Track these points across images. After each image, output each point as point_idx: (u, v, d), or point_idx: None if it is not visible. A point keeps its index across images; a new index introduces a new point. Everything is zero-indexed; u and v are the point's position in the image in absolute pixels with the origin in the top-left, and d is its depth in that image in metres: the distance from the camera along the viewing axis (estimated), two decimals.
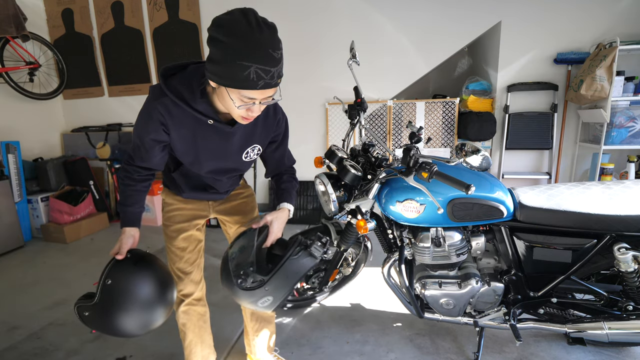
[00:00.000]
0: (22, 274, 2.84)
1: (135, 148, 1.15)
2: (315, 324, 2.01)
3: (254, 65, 0.86)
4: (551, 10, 2.93)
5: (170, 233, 1.34)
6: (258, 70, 0.87)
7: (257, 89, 0.90)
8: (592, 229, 1.36)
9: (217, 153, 1.18)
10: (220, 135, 1.14)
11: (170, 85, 1.04)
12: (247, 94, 0.92)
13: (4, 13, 3.22)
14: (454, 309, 1.56)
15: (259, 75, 0.88)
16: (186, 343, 1.44)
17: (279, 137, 1.30)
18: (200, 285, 1.41)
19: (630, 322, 1.39)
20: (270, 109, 1.22)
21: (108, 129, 4.13)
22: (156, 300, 1.11)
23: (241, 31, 0.85)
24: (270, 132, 1.25)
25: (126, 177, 1.19)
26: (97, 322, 1.07)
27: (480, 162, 1.28)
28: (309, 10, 3.37)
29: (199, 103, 1.05)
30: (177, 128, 1.09)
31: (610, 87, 2.55)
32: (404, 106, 3.35)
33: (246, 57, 0.85)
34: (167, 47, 3.86)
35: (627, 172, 2.82)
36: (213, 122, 1.08)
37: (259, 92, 0.92)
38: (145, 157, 1.15)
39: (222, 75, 0.90)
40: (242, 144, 1.20)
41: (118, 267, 1.09)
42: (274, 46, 0.88)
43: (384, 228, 1.65)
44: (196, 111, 1.05)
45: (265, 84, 0.90)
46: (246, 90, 0.91)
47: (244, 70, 0.86)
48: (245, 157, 1.25)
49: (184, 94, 1.04)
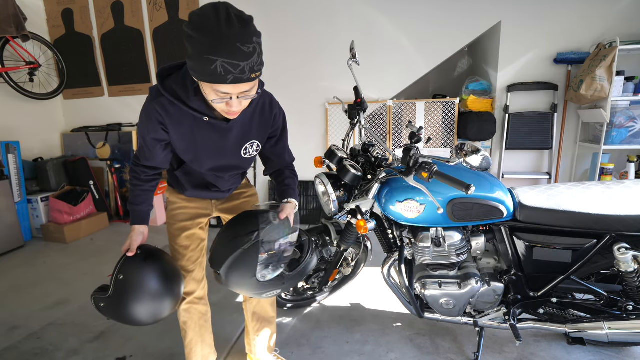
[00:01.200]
0: (22, 274, 2.84)
1: (140, 148, 1.19)
2: (315, 324, 2.00)
3: (220, 60, 0.85)
4: (551, 10, 2.93)
5: (174, 231, 1.36)
6: (225, 65, 0.86)
7: (227, 84, 0.90)
8: (592, 229, 1.36)
9: (215, 150, 1.19)
10: (217, 132, 1.15)
11: (165, 86, 1.06)
12: (219, 88, 0.92)
13: (4, 13, 3.22)
14: (454, 309, 1.56)
15: (226, 70, 0.87)
16: (187, 342, 1.45)
17: (277, 132, 1.30)
18: (202, 284, 1.42)
19: (630, 322, 1.39)
20: (266, 104, 1.22)
21: (108, 129, 4.13)
22: (165, 293, 1.19)
23: (208, 26, 0.85)
24: (268, 127, 1.25)
25: (134, 177, 1.23)
26: (112, 313, 1.16)
27: (480, 162, 1.28)
28: (309, 10, 3.37)
29: (193, 101, 1.06)
30: (175, 126, 1.11)
31: (610, 87, 2.56)
32: (404, 106, 3.35)
33: (211, 52, 0.85)
34: (167, 47, 3.86)
35: (627, 172, 2.82)
36: (209, 119, 1.10)
37: (230, 87, 0.92)
38: (149, 156, 1.18)
39: (195, 70, 0.92)
40: (239, 140, 1.21)
41: (129, 263, 1.17)
42: (243, 40, 0.86)
43: (384, 228, 1.65)
44: (191, 109, 1.07)
45: (235, 78, 0.89)
46: (217, 84, 0.91)
47: (211, 64, 0.86)
48: (245, 154, 1.25)
49: (179, 92, 1.05)
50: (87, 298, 2.41)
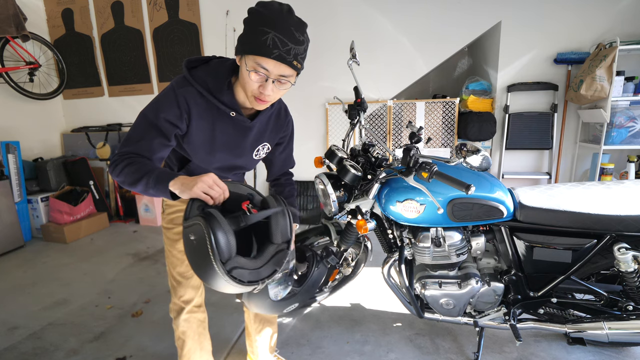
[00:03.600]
0: (22, 274, 2.84)
1: (134, 134, 1.01)
2: (315, 324, 2.00)
3: (272, 33, 0.91)
4: (551, 10, 2.93)
5: (172, 236, 1.31)
6: (275, 39, 0.91)
7: (270, 58, 0.93)
8: (592, 229, 1.36)
9: (232, 147, 1.19)
10: (238, 129, 1.16)
11: (196, 76, 1.06)
12: (262, 62, 0.94)
13: (4, 13, 3.22)
14: (454, 309, 1.56)
15: (275, 44, 0.91)
16: (184, 351, 1.39)
17: (286, 139, 1.34)
18: (200, 291, 1.38)
19: (630, 322, 1.39)
20: (282, 110, 1.27)
21: (108, 129, 4.14)
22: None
23: (271, 7, 0.94)
24: (280, 132, 1.29)
25: (119, 160, 0.98)
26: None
27: (480, 162, 1.27)
28: (308, 10, 3.37)
29: (225, 94, 1.07)
30: (197, 119, 1.09)
31: (610, 87, 2.55)
32: (404, 106, 3.35)
33: (267, 24, 0.91)
34: (167, 47, 3.86)
35: (627, 172, 2.82)
36: (235, 115, 1.10)
37: (272, 64, 0.94)
38: (145, 144, 0.99)
39: (244, 42, 0.96)
40: (254, 140, 1.22)
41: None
42: (297, 28, 0.94)
43: (384, 228, 1.65)
44: (221, 102, 1.07)
45: (280, 55, 0.93)
46: (261, 57, 0.93)
47: (263, 35, 0.91)
48: (255, 155, 1.27)
49: (210, 84, 1.06)
50: (87, 298, 2.41)
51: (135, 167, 0.96)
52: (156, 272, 2.74)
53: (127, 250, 3.23)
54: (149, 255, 3.10)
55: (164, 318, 2.10)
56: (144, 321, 2.11)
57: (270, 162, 1.39)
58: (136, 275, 2.71)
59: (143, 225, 3.94)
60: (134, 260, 3.01)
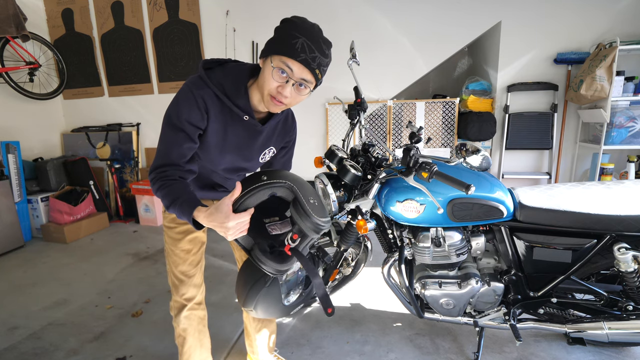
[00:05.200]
0: (22, 274, 2.84)
1: (164, 149, 1.06)
2: (315, 324, 2.00)
3: (303, 38, 0.97)
4: (551, 10, 2.93)
5: (175, 235, 1.31)
6: (304, 44, 0.97)
7: (296, 60, 0.97)
8: (592, 229, 1.36)
9: (241, 149, 1.21)
10: (249, 133, 1.18)
11: (212, 78, 1.07)
12: (288, 62, 0.98)
13: (4, 13, 3.22)
14: (454, 309, 1.56)
15: (303, 49, 0.97)
16: (185, 348, 1.41)
17: (290, 144, 1.37)
18: (201, 289, 1.40)
19: (630, 322, 1.39)
20: (289, 116, 1.30)
21: (108, 129, 4.14)
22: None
23: (304, 20, 1.02)
24: (286, 136, 1.31)
25: (158, 178, 1.04)
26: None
27: (480, 162, 1.28)
28: (309, 11, 3.37)
29: (241, 98, 1.09)
30: (212, 120, 1.11)
31: (610, 87, 2.55)
32: (404, 106, 3.35)
33: (300, 32, 0.98)
34: (167, 47, 3.86)
35: (627, 172, 2.82)
36: (248, 119, 1.12)
37: (297, 66, 0.98)
38: (176, 151, 1.05)
39: (274, 43, 1.01)
40: (263, 144, 1.25)
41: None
42: (325, 43, 1.01)
43: (384, 228, 1.65)
44: (236, 105, 1.09)
45: (305, 60, 0.98)
46: (288, 57, 0.98)
47: (293, 39, 0.97)
48: (261, 159, 1.29)
49: (226, 87, 1.08)
50: (87, 298, 2.41)
51: (166, 190, 1.02)
52: (156, 272, 2.74)
53: (127, 250, 3.23)
54: (149, 255, 3.10)
55: (164, 318, 2.10)
56: (144, 321, 2.11)
57: (270, 164, 1.40)
58: (136, 275, 2.71)
59: (143, 225, 3.94)
60: (134, 260, 3.01)
